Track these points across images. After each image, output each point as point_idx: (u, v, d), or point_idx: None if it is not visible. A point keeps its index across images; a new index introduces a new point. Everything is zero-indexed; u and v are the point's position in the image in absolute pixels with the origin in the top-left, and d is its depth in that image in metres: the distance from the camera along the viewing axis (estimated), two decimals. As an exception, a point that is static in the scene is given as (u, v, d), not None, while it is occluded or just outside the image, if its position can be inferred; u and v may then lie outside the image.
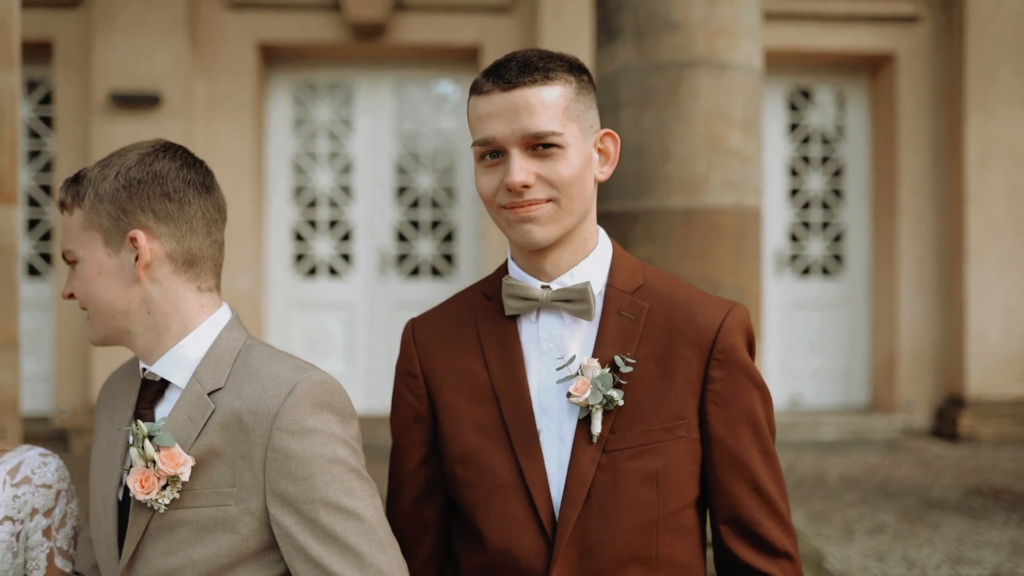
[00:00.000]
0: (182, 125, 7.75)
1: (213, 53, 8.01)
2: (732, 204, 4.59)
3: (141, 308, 1.62)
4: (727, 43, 4.57)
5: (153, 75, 7.71)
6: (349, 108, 8.60)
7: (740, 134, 4.61)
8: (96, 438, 1.77)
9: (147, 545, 1.57)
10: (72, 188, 1.64)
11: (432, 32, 8.16)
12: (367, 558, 1.51)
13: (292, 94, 8.59)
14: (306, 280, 8.56)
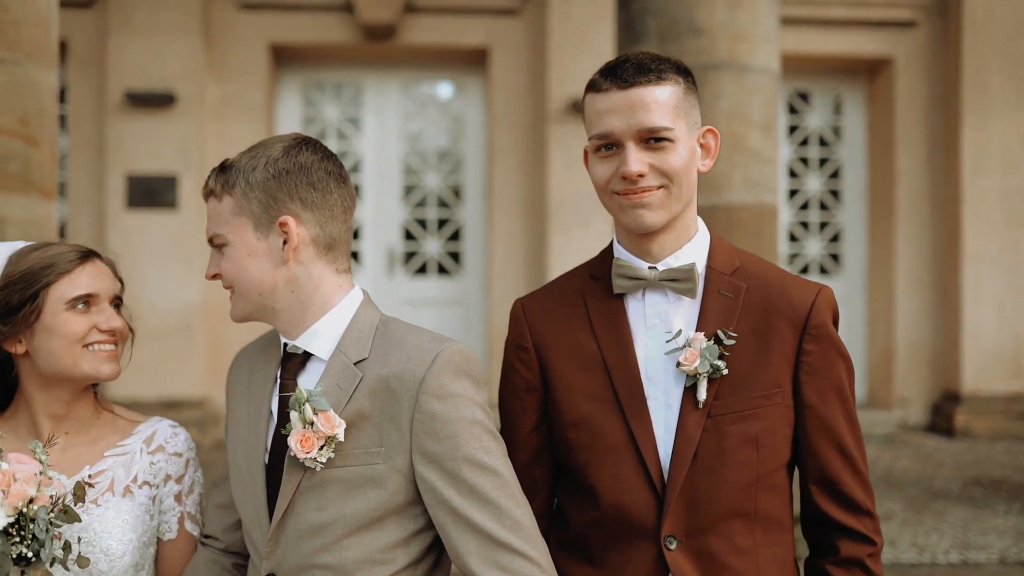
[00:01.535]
0: (195, 124, 7.87)
1: (225, 53, 8.13)
2: (752, 201, 4.77)
3: (286, 287, 1.77)
4: (748, 47, 4.74)
5: (167, 75, 7.81)
6: (357, 108, 8.74)
7: (759, 135, 4.79)
8: (232, 411, 1.92)
9: (298, 502, 1.72)
10: (221, 177, 1.79)
11: (441, 34, 8.31)
12: (505, 510, 1.67)
13: (301, 94, 8.72)
14: (314, 278, 8.67)
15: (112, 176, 7.83)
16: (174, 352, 7.78)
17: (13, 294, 1.86)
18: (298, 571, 1.73)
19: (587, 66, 8.00)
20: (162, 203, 7.84)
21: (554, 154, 8.05)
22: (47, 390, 1.90)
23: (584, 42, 8.04)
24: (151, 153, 7.82)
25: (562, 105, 8.05)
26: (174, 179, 7.84)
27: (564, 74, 8.07)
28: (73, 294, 1.88)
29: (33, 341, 1.87)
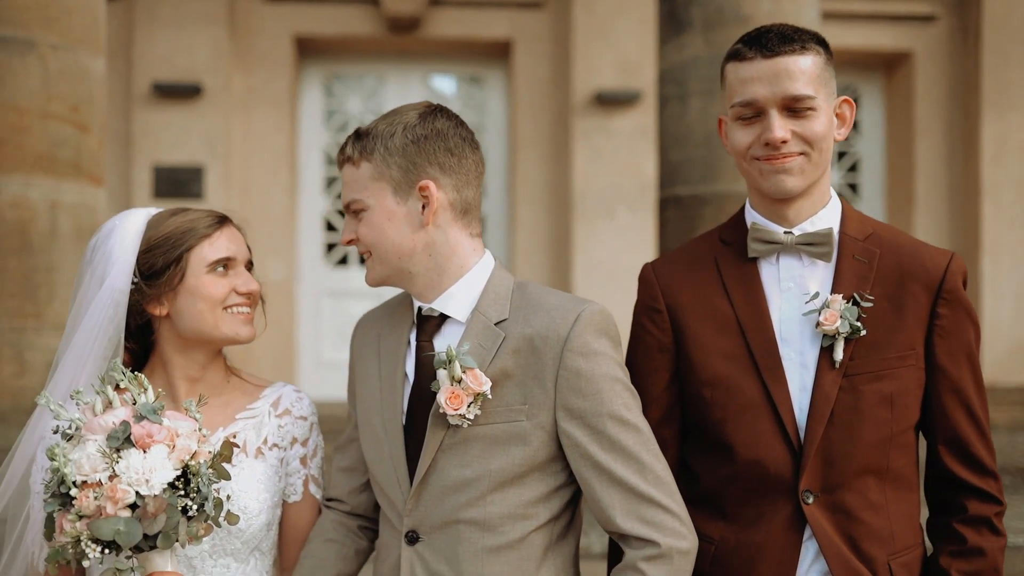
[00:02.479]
0: (221, 115, 7.90)
1: (250, 45, 8.16)
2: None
3: (424, 251, 1.82)
4: (792, 36, 4.78)
5: (193, 66, 7.84)
6: (379, 100, 8.77)
7: (803, 122, 4.84)
8: (362, 375, 1.96)
9: (440, 460, 1.77)
10: (358, 144, 1.83)
11: (464, 26, 8.34)
12: (647, 464, 1.72)
13: (323, 86, 8.75)
14: (336, 269, 8.71)
15: (138, 167, 7.85)
16: (200, 343, 7.80)
17: (157, 257, 1.90)
18: (442, 526, 1.77)
19: (611, 59, 8.07)
20: (188, 194, 7.86)
21: (578, 146, 8.10)
22: (185, 352, 1.94)
23: (608, 35, 8.08)
24: (177, 144, 7.84)
25: (586, 97, 8.09)
26: (200, 170, 7.87)
27: (588, 67, 8.11)
28: (214, 257, 1.93)
29: (176, 303, 1.91)
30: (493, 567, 1.75)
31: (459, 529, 1.76)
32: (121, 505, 1.53)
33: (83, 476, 1.54)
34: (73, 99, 4.68)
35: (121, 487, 1.52)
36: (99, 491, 1.53)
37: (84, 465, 1.54)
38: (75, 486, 1.54)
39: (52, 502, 1.55)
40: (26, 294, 4.51)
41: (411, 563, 1.80)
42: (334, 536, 1.99)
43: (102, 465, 1.55)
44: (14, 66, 4.49)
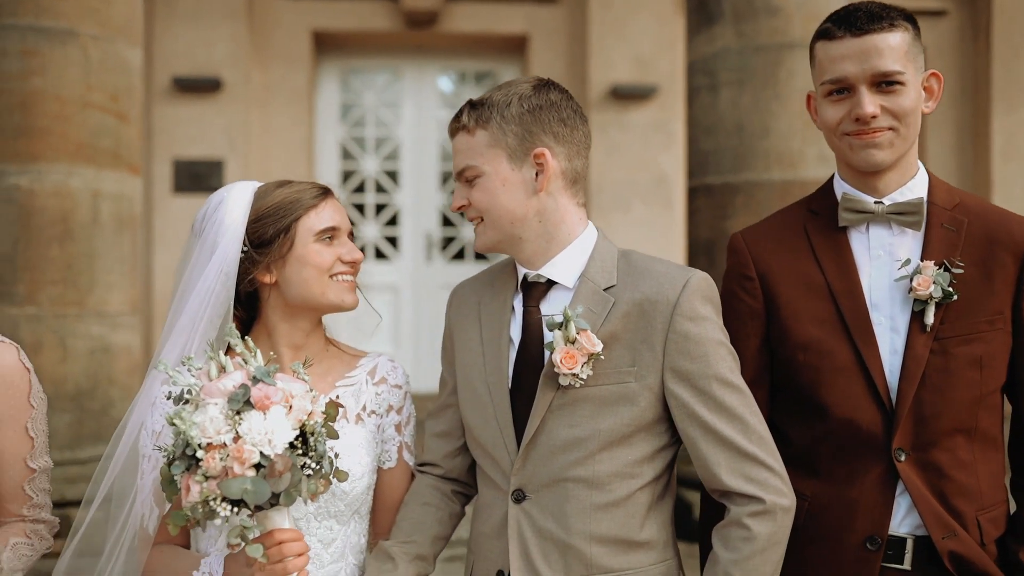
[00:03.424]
0: (241, 109, 7.95)
1: (269, 40, 8.21)
2: (824, 176, 4.86)
3: (535, 217, 1.89)
4: (821, 27, 4.86)
5: (213, 61, 7.89)
6: (395, 95, 8.83)
7: (831, 112, 4.91)
8: (462, 341, 2.02)
9: (549, 420, 1.84)
10: (474, 113, 1.90)
11: (480, 21, 8.40)
12: (750, 425, 1.79)
13: (340, 81, 8.80)
14: (353, 263, 8.75)
15: (158, 161, 7.90)
16: (220, 335, 7.86)
17: (268, 226, 1.96)
18: (549, 485, 1.84)
19: (627, 54, 8.13)
20: (208, 187, 7.89)
21: (594, 140, 8.09)
22: (291, 320, 2.00)
23: (624, 30, 8.15)
24: (197, 138, 7.89)
25: (602, 92, 8.16)
26: (220, 163, 7.92)
27: (604, 62, 8.18)
28: (320, 227, 1.99)
29: (284, 271, 1.97)
30: (600, 524, 1.82)
31: (567, 487, 1.83)
32: (247, 465, 1.58)
33: (207, 438, 1.59)
34: (113, 89, 4.74)
35: (247, 448, 1.58)
36: (224, 452, 1.59)
37: (208, 428, 1.60)
38: (200, 448, 1.59)
39: (179, 464, 1.60)
40: (68, 282, 4.57)
41: (518, 520, 1.86)
42: (430, 499, 2.05)
43: (225, 427, 1.60)
44: (56, 56, 4.56)
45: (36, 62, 4.55)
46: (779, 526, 1.78)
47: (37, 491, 2.03)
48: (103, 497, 1.97)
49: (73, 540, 1.96)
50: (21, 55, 4.53)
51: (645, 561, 1.86)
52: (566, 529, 1.83)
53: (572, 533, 1.82)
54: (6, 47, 4.53)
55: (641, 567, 1.85)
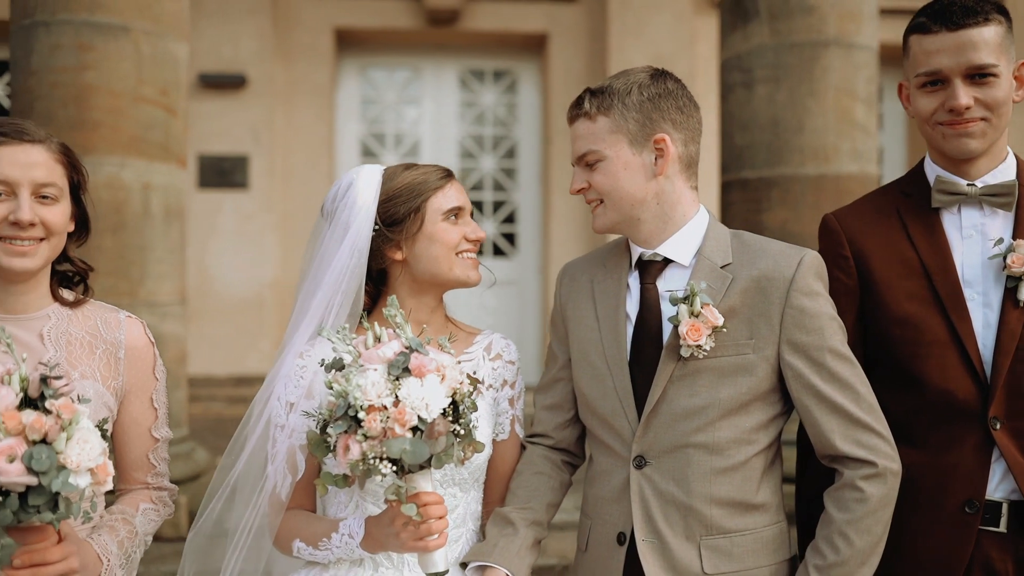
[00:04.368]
0: (265, 106, 8.04)
1: (293, 37, 8.30)
2: (857, 172, 5.02)
3: (653, 200, 2.01)
4: (855, 26, 5.00)
5: (238, 58, 7.98)
6: (415, 92, 8.93)
7: (863, 108, 5.04)
8: (576, 318, 2.13)
9: (670, 390, 1.95)
10: (595, 100, 2.02)
11: (500, 20, 8.51)
12: (861, 394, 1.91)
13: (360, 77, 8.90)
14: (373, 258, 8.84)
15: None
16: (245, 330, 7.95)
17: (399, 205, 2.07)
18: (671, 451, 1.95)
19: (646, 52, 8.24)
20: (232, 183, 8.00)
21: (614, 137, 8.26)
22: (418, 296, 2.11)
23: (643, 29, 8.27)
24: (222, 134, 7.98)
25: (621, 89, 8.25)
26: (245, 159, 8.01)
27: (623, 60, 8.28)
28: (447, 206, 2.11)
29: (414, 248, 2.09)
30: (720, 487, 1.94)
31: (688, 453, 1.94)
32: (407, 427, 1.69)
33: (369, 401, 1.70)
34: (163, 83, 4.83)
35: (408, 410, 1.68)
36: (385, 414, 1.69)
37: (369, 391, 1.70)
38: (361, 410, 1.69)
39: (340, 424, 1.71)
40: (120, 272, 4.66)
41: (640, 485, 1.98)
42: (542, 468, 2.16)
43: (386, 391, 1.71)
44: (109, 51, 4.64)
45: (90, 56, 4.63)
46: (889, 488, 1.90)
47: (159, 460, 2.13)
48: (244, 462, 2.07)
49: (221, 497, 2.07)
50: (76, 49, 4.61)
51: (760, 523, 1.98)
52: (687, 492, 1.94)
53: (693, 496, 1.94)
54: (61, 41, 4.61)
55: (756, 528, 1.97)
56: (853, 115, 4.98)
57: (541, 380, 2.25)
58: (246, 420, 2.10)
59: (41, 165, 1.92)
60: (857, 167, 5.02)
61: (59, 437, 1.60)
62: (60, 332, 1.99)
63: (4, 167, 1.88)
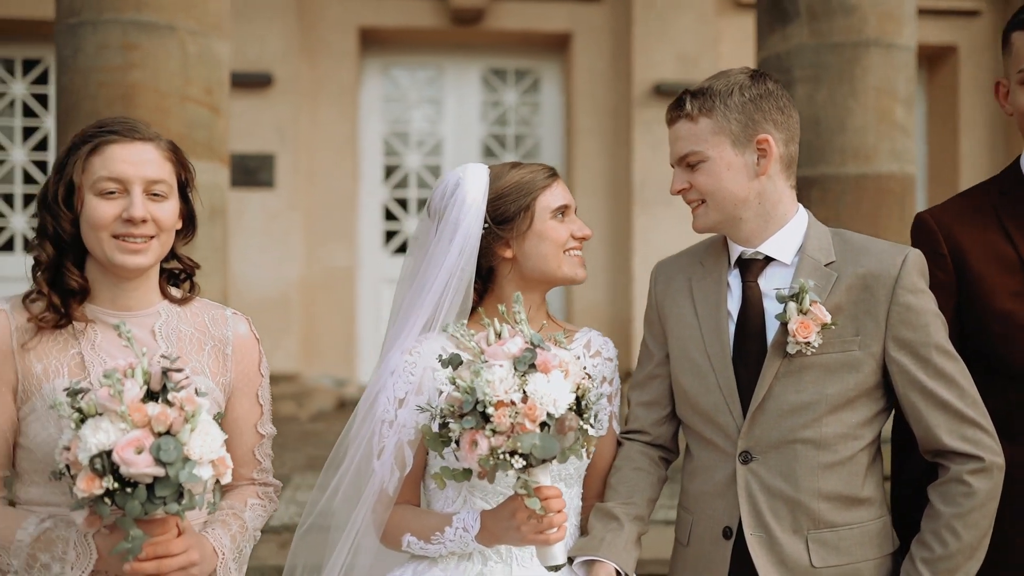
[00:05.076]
0: (291, 105, 8.06)
1: (318, 36, 8.33)
2: (896, 171, 5.06)
3: (756, 199, 2.03)
4: (895, 26, 5.02)
5: (264, 57, 7.99)
6: (438, 91, 8.95)
7: (902, 109, 5.08)
8: (675, 316, 2.16)
9: (776, 387, 1.98)
10: (696, 102, 2.04)
11: (524, 19, 8.53)
12: (966, 390, 1.95)
13: (384, 76, 8.92)
14: (395, 257, 8.88)
15: (209, 155, 7.99)
16: (270, 328, 7.95)
17: (509, 204, 2.10)
18: (777, 446, 1.98)
19: (670, 52, 8.28)
20: (259, 182, 8.02)
21: (638, 137, 8.30)
22: (524, 293, 2.13)
23: (667, 28, 8.29)
24: (249, 133, 7.98)
25: (646, 90, 8.29)
26: (271, 158, 8.03)
27: (647, 59, 8.32)
28: (555, 204, 2.13)
29: (523, 246, 2.11)
30: (827, 481, 1.97)
31: (795, 448, 1.97)
32: (537, 423, 1.71)
33: (497, 396, 1.72)
34: (207, 82, 4.85)
35: (539, 406, 1.71)
36: (514, 410, 1.71)
37: (498, 387, 1.73)
38: (490, 405, 1.72)
39: (468, 420, 1.73)
40: (166, 271, 4.68)
41: (747, 480, 2.00)
42: (641, 464, 2.18)
43: (514, 387, 1.73)
44: (156, 50, 4.66)
45: (137, 56, 4.64)
46: (995, 482, 1.93)
47: (264, 456, 2.15)
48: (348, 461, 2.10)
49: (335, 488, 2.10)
50: (122, 49, 4.62)
51: (866, 516, 2.01)
52: (795, 487, 1.97)
53: (801, 490, 1.97)
54: (108, 40, 4.62)
55: (863, 522, 2.00)
56: (893, 115, 5.02)
57: (635, 377, 2.27)
58: (352, 420, 2.13)
59: (152, 162, 1.93)
60: (897, 167, 5.05)
61: (183, 429, 1.62)
62: (171, 328, 2.01)
63: (117, 165, 1.89)
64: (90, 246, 1.90)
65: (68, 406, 1.63)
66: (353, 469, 2.12)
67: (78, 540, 1.76)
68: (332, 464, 2.14)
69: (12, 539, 1.79)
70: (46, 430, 1.83)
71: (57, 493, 1.85)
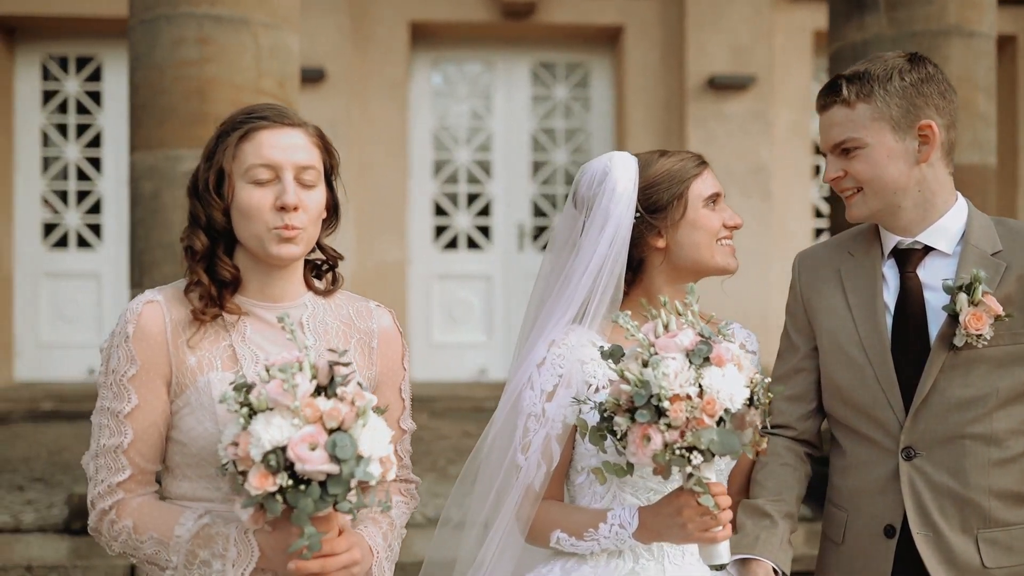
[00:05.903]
0: (343, 99, 8.04)
1: (369, 31, 8.29)
2: (978, 162, 4.96)
3: (916, 187, 1.97)
4: (976, 14, 4.92)
5: (317, 52, 7.96)
6: (487, 85, 8.90)
7: (984, 98, 4.97)
8: (825, 307, 2.10)
9: (941, 380, 1.92)
10: (853, 87, 1.98)
11: (575, 13, 8.46)
12: None
13: (434, 71, 8.88)
14: (446, 252, 8.84)
15: (262, 151, 7.97)
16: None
17: (661, 192, 2.04)
18: (944, 442, 1.92)
19: (723, 44, 8.19)
20: (312, 177, 7.99)
21: (691, 130, 8.22)
22: (674, 284, 2.08)
23: (720, 21, 8.20)
24: (301, 128, 7.95)
25: (699, 83, 8.21)
26: (324, 153, 7.99)
27: (700, 52, 8.24)
28: (707, 192, 2.07)
29: (676, 235, 2.05)
30: (999, 478, 1.91)
31: (964, 444, 1.91)
32: (715, 418, 1.66)
33: (673, 390, 1.66)
34: (280, 75, 4.82)
35: (718, 401, 1.65)
36: (690, 404, 1.66)
37: (673, 381, 1.67)
38: (665, 399, 1.66)
39: (643, 413, 1.67)
40: (239, 265, 4.65)
41: (910, 476, 1.95)
42: (788, 460, 2.12)
43: (690, 380, 1.67)
44: (230, 44, 4.64)
45: (212, 50, 4.62)
46: None
47: (405, 452, 2.09)
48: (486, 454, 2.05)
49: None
50: (197, 43, 4.61)
51: None
52: (964, 484, 1.90)
53: (970, 488, 1.90)
54: (183, 35, 4.61)
55: None
56: (974, 105, 4.92)
57: (776, 370, 2.21)
58: (496, 414, 2.08)
59: (302, 148, 1.89)
60: (978, 158, 4.95)
61: (355, 424, 1.57)
62: (318, 321, 1.96)
63: (268, 150, 1.85)
64: (242, 236, 1.86)
65: (235, 401, 1.59)
66: (493, 464, 2.08)
67: (238, 537, 1.72)
68: (472, 460, 2.10)
69: (171, 535, 1.74)
70: (201, 424, 1.79)
71: (210, 488, 1.81)
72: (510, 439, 2.05)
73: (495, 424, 2.09)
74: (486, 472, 2.09)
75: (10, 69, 8.52)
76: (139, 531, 1.76)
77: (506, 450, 2.06)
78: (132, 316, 1.81)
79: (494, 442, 2.08)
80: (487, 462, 2.09)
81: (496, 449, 2.08)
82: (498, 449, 2.07)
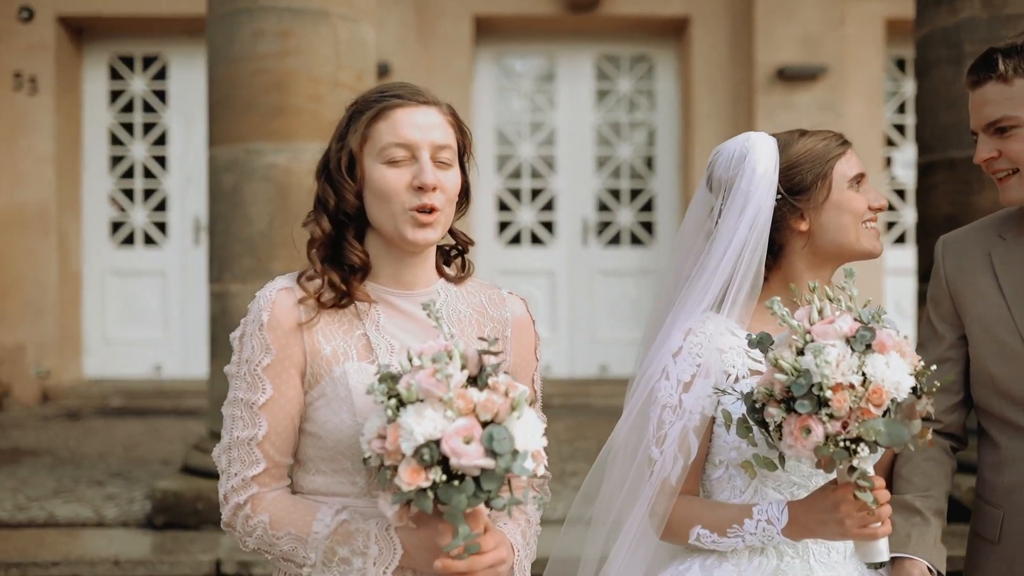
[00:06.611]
0: (408, 95, 7.99)
1: (433, 25, 8.26)
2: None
3: None
4: (1076, -3, 4.75)
5: (383, 46, 7.89)
6: (551, 79, 8.83)
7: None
8: (968, 294, 2.00)
9: None
10: (1010, 61, 1.86)
11: (640, 5, 8.36)
12: None
13: (497, 65, 8.83)
14: (509, 248, 8.78)
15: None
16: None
17: (805, 172, 1.93)
18: None
19: (793, 35, 8.04)
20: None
21: (760, 123, 8.07)
22: (815, 269, 1.97)
23: (790, 10, 8.06)
24: (366, 124, 7.94)
25: (768, 74, 8.07)
26: (390, 149, 7.98)
27: (770, 43, 8.10)
28: (852, 173, 1.95)
29: (820, 218, 1.93)
30: None
31: None
32: (882, 408, 1.57)
33: (836, 379, 1.58)
34: (357, 68, 4.79)
35: (885, 390, 1.56)
36: (855, 393, 1.57)
37: (835, 369, 1.58)
38: (827, 389, 1.57)
39: (804, 404, 1.58)
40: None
41: None
42: (933, 454, 2.02)
43: (853, 368, 1.59)
44: (309, 37, 4.61)
45: (291, 43, 4.61)
46: None
47: None
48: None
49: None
50: (277, 36, 4.59)
51: None
52: None
53: None
54: (264, 28, 4.59)
55: None
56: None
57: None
58: (628, 408, 2.00)
59: (438, 127, 1.81)
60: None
61: (510, 417, 1.50)
62: (451, 309, 1.89)
63: (404, 129, 1.76)
64: (376, 220, 1.78)
65: (382, 393, 1.52)
66: (624, 460, 2.00)
67: (379, 534, 1.65)
68: (601, 457, 2.02)
69: (308, 531, 1.68)
70: (337, 416, 1.72)
71: (345, 483, 1.74)
72: (641, 433, 1.97)
73: (627, 419, 2.00)
74: (615, 468, 2.01)
75: (78, 69, 8.61)
76: (275, 527, 1.70)
77: (638, 445, 1.97)
78: (266, 303, 1.75)
79: (625, 437, 2.00)
80: (616, 458, 2.01)
81: (627, 444, 2.00)
82: (629, 444, 1.99)
